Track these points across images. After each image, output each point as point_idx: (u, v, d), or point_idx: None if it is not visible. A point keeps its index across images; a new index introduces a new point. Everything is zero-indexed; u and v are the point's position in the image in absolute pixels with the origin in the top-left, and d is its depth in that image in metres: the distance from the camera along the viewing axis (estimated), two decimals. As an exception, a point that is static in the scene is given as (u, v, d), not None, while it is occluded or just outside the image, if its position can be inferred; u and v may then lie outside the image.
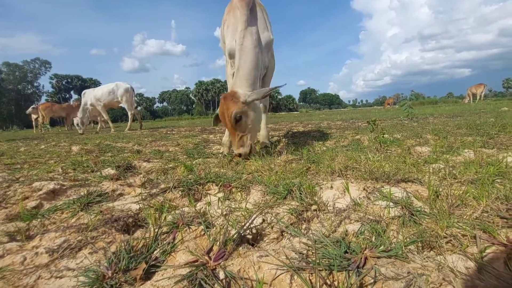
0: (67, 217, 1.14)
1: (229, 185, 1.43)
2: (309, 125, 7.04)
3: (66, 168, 2.30)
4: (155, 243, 0.82)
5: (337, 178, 1.58)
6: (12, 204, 1.48)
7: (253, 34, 2.23)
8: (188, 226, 0.89)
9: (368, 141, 3.12)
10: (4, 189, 1.69)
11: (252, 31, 2.23)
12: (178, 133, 6.66)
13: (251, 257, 0.73)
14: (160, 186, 1.53)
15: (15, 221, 1.15)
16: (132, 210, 1.14)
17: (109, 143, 4.71)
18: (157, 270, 0.71)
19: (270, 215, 1.00)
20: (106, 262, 0.73)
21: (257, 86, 2.19)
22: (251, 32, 2.22)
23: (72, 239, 0.87)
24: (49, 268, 0.75)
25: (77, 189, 1.58)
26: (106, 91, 9.03)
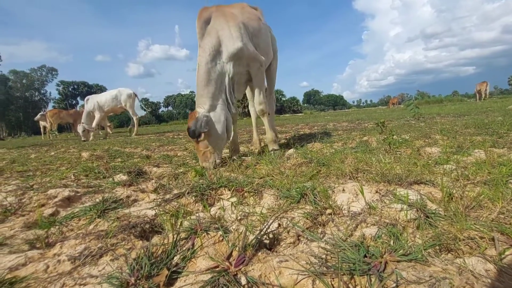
0: (85, 224, 1.16)
1: (241, 189, 1.44)
2: (315, 127, 7.02)
3: (78, 175, 2.33)
4: (174, 249, 0.84)
5: (348, 181, 1.57)
6: (28, 211, 1.51)
7: (205, 50, 2.34)
8: (206, 232, 0.90)
9: (377, 142, 3.11)
10: (19, 196, 1.72)
11: (205, 48, 2.34)
12: (185, 137, 6.71)
13: (270, 262, 0.74)
14: (173, 191, 1.55)
15: (34, 229, 1.17)
16: (148, 216, 1.15)
17: (117, 148, 4.77)
18: (179, 276, 0.72)
19: (286, 220, 1.01)
20: (128, 269, 0.75)
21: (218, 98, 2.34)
22: (204, 49, 2.34)
23: (92, 246, 0.89)
24: (72, 275, 0.77)
25: (91, 196, 1.61)
26: (110, 97, 9.18)
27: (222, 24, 2.40)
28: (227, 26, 2.39)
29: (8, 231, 1.16)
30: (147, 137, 8.15)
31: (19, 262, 0.85)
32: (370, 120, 8.03)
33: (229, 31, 2.38)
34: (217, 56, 2.37)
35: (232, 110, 2.52)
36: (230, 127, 2.42)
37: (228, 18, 2.40)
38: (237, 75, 2.52)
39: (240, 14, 2.53)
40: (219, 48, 2.37)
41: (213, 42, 2.35)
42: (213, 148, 2.28)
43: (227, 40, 2.36)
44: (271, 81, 3.15)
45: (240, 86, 2.65)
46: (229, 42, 2.36)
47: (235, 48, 2.36)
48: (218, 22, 2.40)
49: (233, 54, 2.37)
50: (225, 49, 2.37)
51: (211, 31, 2.38)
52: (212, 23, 2.42)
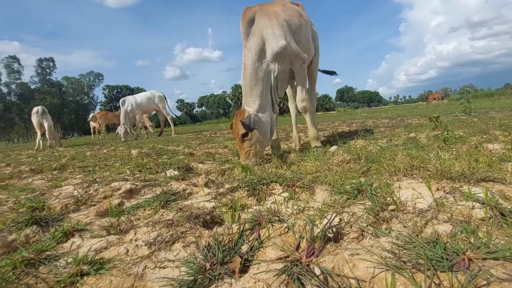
0: (150, 214, 1.25)
1: (292, 185, 1.44)
2: (353, 124, 6.79)
3: (133, 170, 2.51)
4: (240, 239, 0.87)
5: (403, 178, 1.50)
6: (96, 202, 1.66)
7: (251, 50, 2.35)
8: (271, 224, 0.92)
9: (427, 139, 2.92)
10: (85, 188, 1.89)
11: (251, 48, 2.36)
12: (222, 135, 6.88)
13: (341, 255, 0.73)
14: (225, 186, 1.60)
15: (106, 217, 1.29)
16: (207, 208, 1.21)
17: (161, 146, 5.04)
18: (250, 264, 0.75)
19: (347, 214, 0.99)
20: (202, 255, 0.79)
21: (265, 98, 2.34)
22: (250, 48, 2.36)
23: (164, 233, 0.96)
24: (151, 259, 0.83)
25: (150, 189, 1.72)
26: (146, 98, 9.78)
27: (265, 23, 2.42)
28: (270, 25, 2.41)
29: (84, 219, 1.29)
30: (186, 136, 8.50)
31: (102, 246, 0.94)
32: (413, 117, 7.56)
33: (272, 30, 2.39)
34: (262, 55, 2.39)
35: (276, 110, 2.53)
36: (274, 127, 2.43)
37: (270, 16, 2.42)
38: (281, 73, 2.52)
39: (282, 12, 2.53)
40: (263, 47, 2.40)
41: (257, 42, 2.37)
42: (256, 148, 2.28)
43: (271, 39, 2.38)
44: (312, 78, 3.11)
45: (283, 84, 2.66)
46: (273, 41, 2.37)
47: (279, 47, 2.37)
48: (262, 22, 2.43)
49: (277, 52, 2.38)
50: (269, 48, 2.39)
51: (255, 31, 2.41)
52: (256, 23, 2.45)
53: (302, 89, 2.64)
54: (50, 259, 0.87)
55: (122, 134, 8.49)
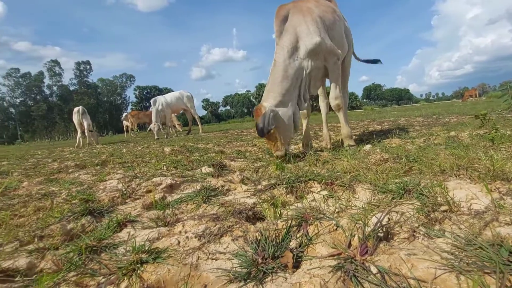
0: (193, 208, 1.30)
1: (331, 183, 1.42)
2: (384, 122, 6.53)
3: (169, 166, 2.61)
4: (288, 234, 0.87)
5: (449, 179, 1.42)
6: (140, 195, 1.75)
7: (283, 47, 2.35)
8: (319, 221, 0.92)
9: (470, 138, 2.74)
10: (127, 183, 2.00)
11: (283, 45, 2.36)
12: (249, 134, 6.94)
13: (396, 254, 0.71)
14: (262, 183, 1.62)
15: (152, 210, 1.36)
16: (248, 204, 1.23)
17: (191, 144, 5.19)
18: (301, 260, 0.75)
19: (395, 214, 0.96)
20: (252, 249, 0.81)
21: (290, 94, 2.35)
22: (282, 46, 2.37)
23: (211, 227, 0.99)
24: (202, 250, 0.86)
25: (188, 184, 1.78)
26: (175, 98, 10.12)
27: (299, 20, 2.40)
28: (304, 22, 2.39)
29: (133, 211, 1.36)
30: (213, 134, 8.67)
31: (154, 236, 0.99)
32: (450, 115, 7.12)
33: (306, 27, 2.37)
34: (294, 52, 2.38)
35: (303, 107, 2.50)
36: (298, 121, 2.42)
37: (304, 13, 2.39)
38: (314, 70, 2.49)
39: (316, 8, 2.50)
40: (296, 44, 2.38)
41: (290, 39, 2.37)
42: (282, 139, 2.33)
43: (304, 35, 2.36)
44: (345, 75, 3.04)
45: (317, 81, 2.62)
46: (306, 38, 2.35)
47: (313, 43, 2.34)
48: (295, 19, 2.42)
49: (311, 49, 2.36)
50: (302, 45, 2.37)
51: (288, 28, 2.41)
52: (289, 20, 2.44)
53: (336, 86, 2.59)
54: (109, 246, 0.93)
55: (156, 132, 8.84)
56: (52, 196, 1.77)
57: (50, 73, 47.17)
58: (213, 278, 0.71)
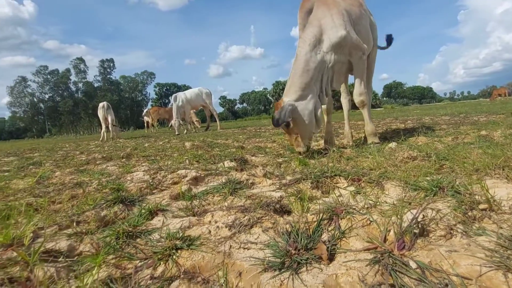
0: (220, 200, 1.32)
1: (358, 179, 1.40)
2: (408, 121, 6.32)
3: (191, 160, 2.66)
4: (319, 227, 0.87)
5: (485, 178, 1.36)
6: (166, 187, 1.79)
7: (306, 40, 2.32)
8: (351, 215, 0.91)
9: (503, 137, 2.60)
10: (153, 175, 2.05)
11: (305, 38, 2.32)
12: (267, 131, 6.93)
13: (436, 250, 0.69)
14: (287, 177, 1.61)
15: (180, 200, 1.39)
16: (274, 197, 1.23)
17: (211, 140, 5.26)
18: (335, 252, 0.75)
19: (430, 211, 0.93)
20: (284, 240, 0.81)
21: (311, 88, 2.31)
22: (304, 39, 2.33)
23: (240, 218, 1.00)
24: (233, 240, 0.87)
25: (212, 177, 1.81)
26: (195, 94, 10.26)
27: (324, 12, 2.36)
28: (330, 14, 2.34)
29: (161, 201, 1.40)
30: (231, 131, 8.74)
31: (185, 225, 1.01)
32: (479, 114, 6.78)
33: (331, 19, 2.32)
34: (317, 46, 2.34)
35: (325, 101, 2.46)
36: (319, 116, 2.38)
37: (330, 6, 2.35)
38: (338, 64, 2.45)
39: (342, 1, 2.45)
40: (320, 37, 2.34)
41: (314, 32, 2.33)
42: (302, 134, 2.31)
43: (329, 28, 2.31)
44: (369, 71, 2.96)
45: (340, 76, 2.58)
46: (331, 31, 2.31)
47: (337, 37, 2.29)
48: (320, 11, 2.37)
49: (336, 43, 2.31)
50: (326, 38, 2.33)
51: (312, 21, 2.37)
52: (314, 13, 2.40)
53: (361, 82, 2.53)
54: (144, 233, 0.96)
55: (176, 127, 9.04)
56: (84, 185, 1.86)
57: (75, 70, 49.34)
58: (247, 266, 0.72)
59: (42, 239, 1.02)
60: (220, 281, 0.68)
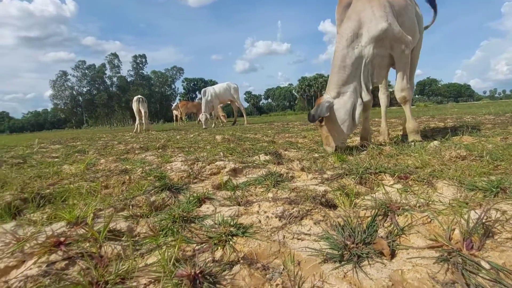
0: (263, 191, 1.33)
1: (405, 177, 1.34)
2: (447, 119, 5.96)
3: (225, 152, 2.71)
4: (373, 223, 0.85)
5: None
6: (205, 177, 1.84)
7: (343, 35, 2.28)
8: (409, 212, 0.88)
9: None
10: (190, 166, 2.12)
11: (343, 33, 2.28)
12: (295, 126, 6.87)
13: (509, 252, 0.65)
14: (327, 172, 1.59)
15: (223, 190, 1.42)
16: (319, 191, 1.22)
17: (240, 134, 5.32)
18: (395, 249, 0.73)
19: (494, 212, 0.87)
20: (339, 233, 0.80)
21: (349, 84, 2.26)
22: (341, 34, 2.28)
23: (289, 209, 1.00)
24: (285, 230, 0.88)
25: (250, 170, 1.83)
26: (223, 89, 10.38)
27: (364, 4, 2.27)
28: (370, 6, 2.26)
29: (205, 190, 1.44)
30: (258, 126, 8.76)
31: (234, 213, 1.04)
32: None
33: (371, 12, 2.24)
34: (355, 40, 2.28)
35: (365, 97, 2.38)
36: (358, 114, 2.30)
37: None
38: (378, 58, 2.36)
39: None
40: (358, 31, 2.27)
41: (352, 26, 2.27)
42: (333, 134, 2.27)
43: (369, 21, 2.23)
44: (412, 65, 2.82)
45: (382, 70, 2.48)
46: (371, 24, 2.22)
47: (378, 30, 2.21)
48: (360, 4, 2.30)
49: (375, 36, 2.22)
50: (365, 31, 2.25)
51: (351, 14, 2.31)
52: (353, 6, 2.33)
53: (403, 77, 2.42)
54: (197, 218, 1.00)
55: (204, 121, 9.23)
56: (129, 172, 1.97)
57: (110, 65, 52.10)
58: (305, 256, 0.72)
59: (102, 220, 1.10)
60: (279, 269, 0.69)
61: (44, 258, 0.75)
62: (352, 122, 2.30)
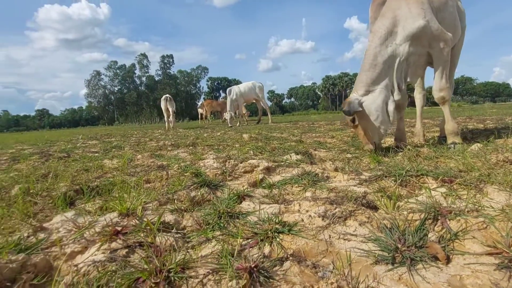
0: (300, 191, 1.34)
1: (450, 180, 1.29)
2: (486, 120, 5.59)
3: (254, 151, 2.74)
4: (422, 226, 0.83)
5: None
6: (238, 175, 1.88)
7: (376, 33, 2.23)
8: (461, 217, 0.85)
9: None
10: (222, 163, 2.17)
11: (376, 31, 2.23)
12: (321, 126, 6.78)
13: None
14: (364, 173, 1.57)
15: (259, 188, 1.45)
16: (359, 192, 1.21)
17: (266, 133, 5.34)
18: (450, 254, 0.71)
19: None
20: (386, 235, 0.79)
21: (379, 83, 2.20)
22: (374, 32, 2.23)
23: (331, 209, 1.01)
24: (330, 230, 0.89)
25: (283, 169, 1.84)
26: (248, 88, 10.44)
27: (400, 1, 2.20)
28: (406, 4, 2.18)
29: (241, 188, 1.48)
30: (283, 125, 8.74)
31: (275, 211, 1.06)
32: None
33: (407, 9, 2.16)
34: (389, 38, 2.21)
35: (397, 96, 2.30)
36: (392, 110, 2.23)
37: None
38: (413, 56, 2.27)
39: None
40: (393, 29, 2.20)
41: (386, 24, 2.21)
42: (369, 132, 2.22)
43: (404, 19, 2.16)
44: (453, 63, 2.68)
45: (417, 69, 2.38)
46: (406, 21, 2.15)
47: (414, 27, 2.13)
48: (395, 1, 2.23)
49: (412, 34, 2.15)
50: (401, 29, 2.18)
51: (385, 12, 2.24)
52: (388, 4, 2.26)
53: (442, 76, 2.31)
54: (241, 214, 1.03)
55: (229, 120, 9.37)
56: (166, 168, 2.05)
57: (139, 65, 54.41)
58: (355, 257, 0.72)
59: (149, 212, 1.16)
60: (329, 268, 0.70)
61: (106, 246, 0.81)
62: (385, 118, 2.24)
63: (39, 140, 7.79)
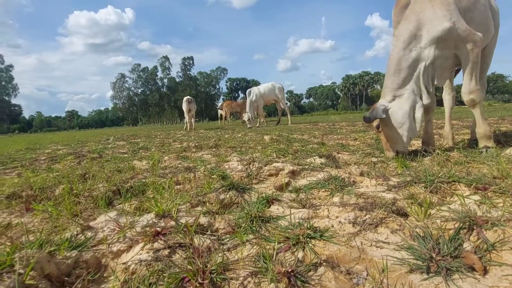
0: (327, 196, 1.35)
1: (484, 187, 1.25)
2: (521, 122, 5.26)
3: (277, 153, 2.77)
4: (456, 236, 0.83)
5: None
6: (263, 178, 1.92)
7: (399, 37, 2.20)
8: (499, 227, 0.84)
9: None
10: (246, 165, 2.21)
11: (399, 36, 2.21)
12: (342, 128, 6.68)
13: None
14: (392, 179, 1.55)
15: (286, 192, 1.48)
16: (387, 198, 1.20)
17: (287, 134, 5.36)
18: (486, 265, 0.71)
19: None
20: (420, 244, 0.80)
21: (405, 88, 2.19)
22: (397, 36, 2.21)
23: (361, 216, 1.02)
24: (361, 236, 0.90)
25: (308, 172, 1.86)
26: (268, 89, 10.46)
27: (424, 4, 2.15)
28: (430, 6, 2.12)
29: (268, 191, 1.51)
30: (303, 126, 8.69)
31: (304, 216, 1.08)
32: None
33: (432, 11, 2.11)
34: (412, 42, 2.17)
35: (426, 100, 2.24)
36: (419, 116, 2.18)
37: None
38: (440, 59, 2.21)
39: None
40: (416, 32, 2.16)
41: (409, 28, 2.17)
42: (393, 138, 2.19)
43: (429, 21, 2.11)
44: (485, 64, 2.58)
45: (444, 71, 2.31)
46: (431, 24, 2.10)
47: (439, 30, 2.07)
48: (419, 4, 2.18)
49: (437, 36, 2.10)
50: (425, 32, 2.13)
51: (408, 15, 2.20)
52: (411, 7, 2.21)
53: (471, 78, 2.22)
54: (272, 219, 1.07)
55: (247, 121, 9.45)
56: (192, 170, 2.13)
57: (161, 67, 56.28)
58: (389, 265, 0.73)
59: (182, 214, 1.23)
60: (363, 274, 0.72)
61: (149, 246, 0.88)
62: (412, 125, 2.19)
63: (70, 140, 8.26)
